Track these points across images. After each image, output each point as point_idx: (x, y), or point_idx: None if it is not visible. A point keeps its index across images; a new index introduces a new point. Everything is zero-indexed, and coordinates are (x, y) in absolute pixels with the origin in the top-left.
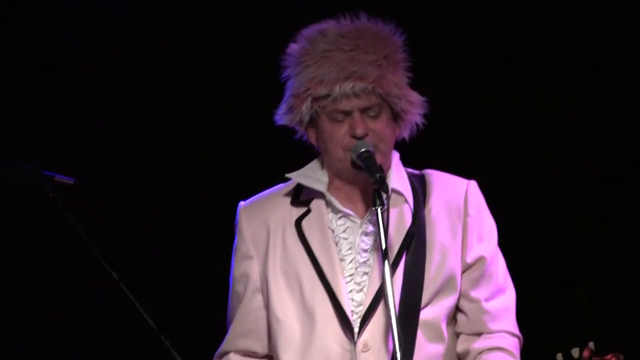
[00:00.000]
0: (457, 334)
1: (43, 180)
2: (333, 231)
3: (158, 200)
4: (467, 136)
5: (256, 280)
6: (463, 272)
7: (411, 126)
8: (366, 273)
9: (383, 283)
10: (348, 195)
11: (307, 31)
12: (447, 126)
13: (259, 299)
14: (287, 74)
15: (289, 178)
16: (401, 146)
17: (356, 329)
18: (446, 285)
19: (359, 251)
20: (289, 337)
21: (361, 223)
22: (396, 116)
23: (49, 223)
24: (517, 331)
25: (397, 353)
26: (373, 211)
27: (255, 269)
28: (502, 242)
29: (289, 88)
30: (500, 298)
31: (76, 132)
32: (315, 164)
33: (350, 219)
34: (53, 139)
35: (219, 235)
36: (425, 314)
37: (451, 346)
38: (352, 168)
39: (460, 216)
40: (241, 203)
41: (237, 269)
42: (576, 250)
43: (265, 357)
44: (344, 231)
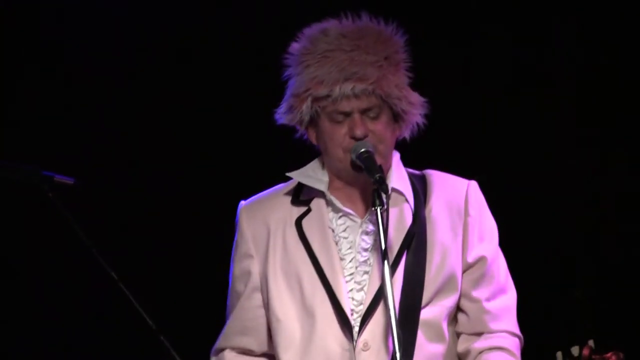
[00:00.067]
0: (458, 334)
1: (43, 180)
2: (333, 230)
3: (158, 200)
4: (467, 136)
5: (256, 279)
6: (464, 272)
7: (412, 126)
8: (366, 272)
9: (383, 283)
10: (348, 195)
11: (309, 30)
12: (447, 126)
13: (258, 298)
14: (289, 73)
15: (290, 178)
16: (402, 146)
17: (356, 329)
18: (446, 285)
19: (359, 250)
20: (289, 337)
21: (361, 222)
22: (396, 117)
23: (49, 223)
24: (518, 331)
25: (397, 353)
26: (373, 211)
27: (255, 268)
28: (502, 242)
29: (290, 87)
30: (501, 298)
31: (76, 132)
32: (315, 164)
33: (350, 218)
34: (53, 139)
35: (219, 235)
36: (425, 314)
37: (452, 346)
38: (352, 169)
39: (460, 216)
40: (242, 202)
41: (237, 268)
42: (576, 250)
43: (261, 356)
44: (344, 230)
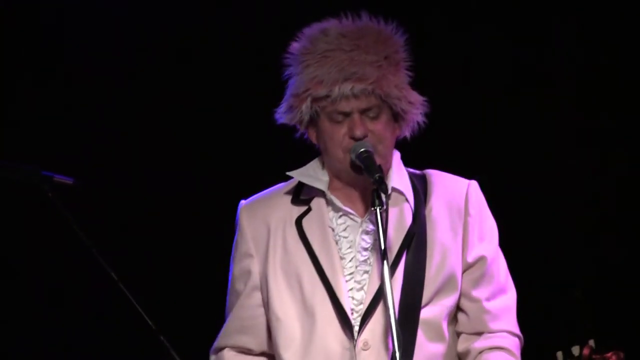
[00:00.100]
0: (458, 334)
1: (42, 180)
2: (333, 230)
3: (158, 200)
4: (467, 136)
5: (256, 278)
6: (464, 272)
7: (412, 125)
8: (366, 272)
9: (382, 283)
10: (348, 195)
11: (309, 30)
12: (447, 126)
13: (257, 297)
14: (289, 73)
15: (290, 177)
16: (402, 146)
17: (356, 328)
18: (446, 284)
19: (359, 250)
20: (289, 336)
21: (361, 222)
22: (396, 116)
23: (48, 223)
24: (518, 331)
25: (396, 353)
26: (373, 211)
27: (255, 268)
28: (502, 242)
29: (290, 87)
30: (501, 298)
31: (76, 132)
32: (316, 163)
33: (350, 218)
34: (53, 139)
35: (219, 235)
36: (425, 313)
37: (452, 346)
38: (352, 169)
39: (461, 216)
40: (242, 202)
41: (237, 267)
42: (576, 250)
43: (260, 355)
44: (344, 230)
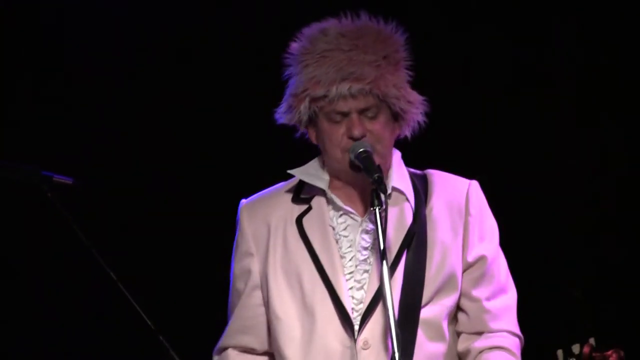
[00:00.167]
0: (458, 333)
1: (42, 180)
2: (334, 229)
3: (158, 200)
4: (467, 136)
5: (256, 277)
6: (464, 272)
7: (412, 125)
8: (366, 271)
9: (382, 283)
10: (348, 194)
11: (309, 30)
12: (447, 126)
13: (258, 296)
14: (288, 73)
15: (290, 176)
16: (402, 146)
17: (356, 327)
18: (447, 284)
19: (359, 249)
20: (289, 335)
21: (362, 221)
22: (396, 116)
23: (48, 223)
24: (518, 331)
25: (396, 352)
26: (372, 211)
27: (255, 267)
28: (503, 242)
29: (289, 87)
30: (501, 297)
31: (76, 132)
32: (316, 163)
33: (351, 217)
34: (53, 139)
35: (219, 234)
36: (425, 313)
37: (452, 345)
38: (351, 169)
39: (461, 215)
40: (242, 201)
41: (238, 266)
42: (576, 250)
43: (263, 354)
44: (345, 229)
